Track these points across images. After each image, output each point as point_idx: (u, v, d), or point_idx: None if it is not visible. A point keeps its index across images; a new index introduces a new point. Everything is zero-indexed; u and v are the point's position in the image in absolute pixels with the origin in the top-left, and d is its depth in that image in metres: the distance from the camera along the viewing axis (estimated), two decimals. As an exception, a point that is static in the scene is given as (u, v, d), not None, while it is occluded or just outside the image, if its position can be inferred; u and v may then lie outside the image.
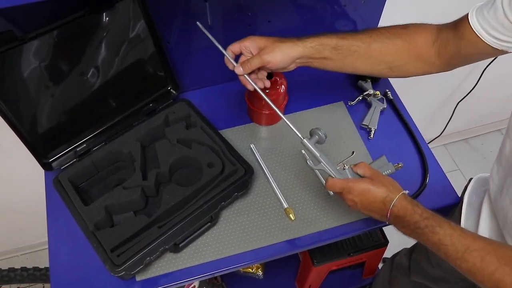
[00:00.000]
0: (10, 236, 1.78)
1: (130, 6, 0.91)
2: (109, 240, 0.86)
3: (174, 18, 1.02)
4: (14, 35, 0.80)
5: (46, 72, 0.88)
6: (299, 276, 1.49)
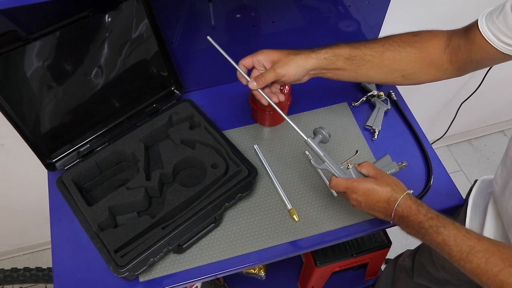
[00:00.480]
0: (12, 236, 1.78)
1: (134, 6, 0.91)
2: (112, 240, 0.86)
3: (178, 18, 1.02)
4: (17, 35, 0.79)
5: (50, 72, 0.88)
6: (301, 277, 1.48)
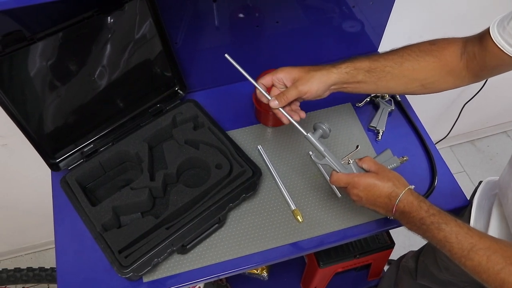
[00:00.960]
0: (14, 236, 1.78)
1: (139, 6, 0.91)
2: (116, 241, 0.86)
3: (182, 18, 1.01)
4: (23, 35, 0.79)
5: (54, 72, 0.87)
6: (304, 278, 1.48)
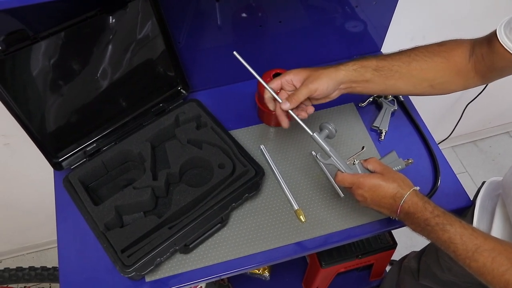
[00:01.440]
0: (16, 235, 1.78)
1: (142, 5, 0.91)
2: (119, 240, 0.86)
3: (185, 18, 1.01)
4: (26, 34, 0.79)
5: (57, 71, 0.87)
6: (306, 278, 1.48)
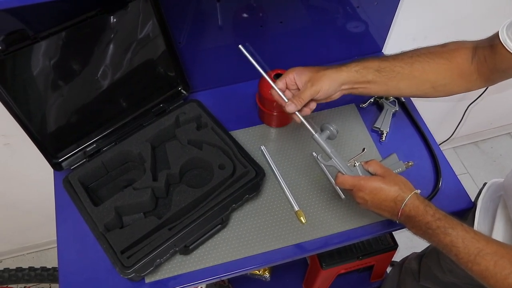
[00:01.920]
0: (16, 235, 1.78)
1: (142, 5, 0.90)
2: (119, 241, 0.85)
3: (185, 18, 1.01)
4: (26, 34, 0.79)
5: (57, 71, 0.87)
6: (306, 279, 1.48)
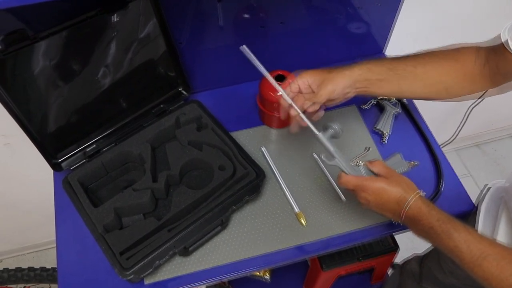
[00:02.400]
0: (16, 235, 1.78)
1: (143, 5, 0.90)
2: (118, 242, 0.85)
3: (186, 18, 1.01)
4: (25, 34, 0.79)
5: (57, 71, 0.87)
6: (307, 281, 1.47)
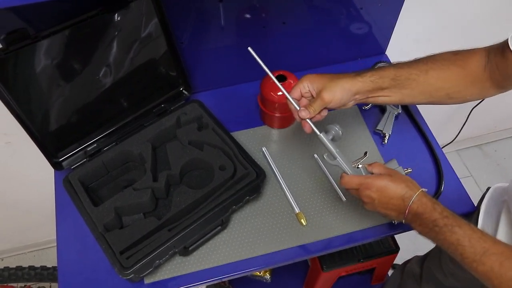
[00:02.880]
0: (17, 234, 1.78)
1: (144, 5, 0.90)
2: (118, 242, 0.85)
3: (188, 18, 1.01)
4: (27, 33, 0.79)
5: (58, 71, 0.87)
6: (307, 281, 1.47)
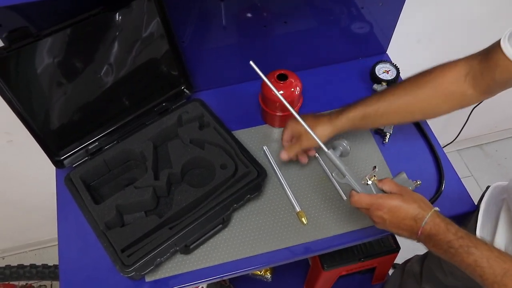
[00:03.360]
0: (19, 232, 1.79)
1: (146, 4, 0.90)
2: (119, 240, 0.85)
3: (189, 17, 1.01)
4: (29, 31, 0.79)
5: (60, 69, 0.87)
6: (308, 280, 1.47)
